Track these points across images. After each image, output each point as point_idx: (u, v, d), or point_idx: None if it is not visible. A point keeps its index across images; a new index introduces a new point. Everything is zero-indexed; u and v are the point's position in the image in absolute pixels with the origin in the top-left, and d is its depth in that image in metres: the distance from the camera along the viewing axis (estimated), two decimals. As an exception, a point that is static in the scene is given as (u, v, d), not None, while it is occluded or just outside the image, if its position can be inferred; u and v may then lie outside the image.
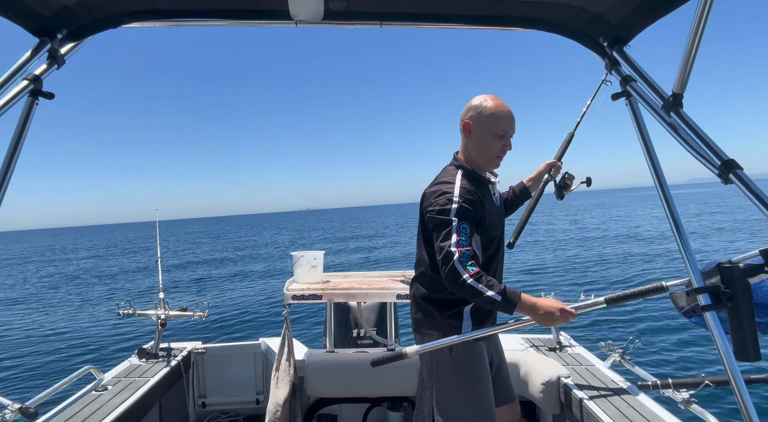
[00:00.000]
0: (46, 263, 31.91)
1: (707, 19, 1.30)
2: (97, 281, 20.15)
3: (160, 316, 3.36)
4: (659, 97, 1.51)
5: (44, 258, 35.27)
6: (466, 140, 2.05)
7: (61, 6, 1.53)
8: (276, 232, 62.45)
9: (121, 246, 47.48)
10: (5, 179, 1.39)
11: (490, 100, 1.99)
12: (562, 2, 1.64)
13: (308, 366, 3.20)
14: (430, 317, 2.04)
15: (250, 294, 14.27)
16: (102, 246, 50.04)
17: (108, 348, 9.48)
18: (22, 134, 1.46)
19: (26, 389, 7.34)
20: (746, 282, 1.27)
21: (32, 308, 14.58)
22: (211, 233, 73.91)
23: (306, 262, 3.23)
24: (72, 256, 37.47)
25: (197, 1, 1.61)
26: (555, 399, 2.90)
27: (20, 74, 1.45)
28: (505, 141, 2.01)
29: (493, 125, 1.98)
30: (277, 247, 32.34)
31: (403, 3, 1.64)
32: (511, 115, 2.00)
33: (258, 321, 11.08)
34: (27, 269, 29.72)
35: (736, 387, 1.22)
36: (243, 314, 11.65)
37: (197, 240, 49.56)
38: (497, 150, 2.01)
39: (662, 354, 7.32)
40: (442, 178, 2.00)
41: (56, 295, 16.81)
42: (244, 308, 12.33)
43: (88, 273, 24.41)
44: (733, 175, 1.28)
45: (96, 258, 34.44)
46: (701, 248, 18.09)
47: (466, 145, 2.06)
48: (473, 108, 2.01)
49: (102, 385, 2.91)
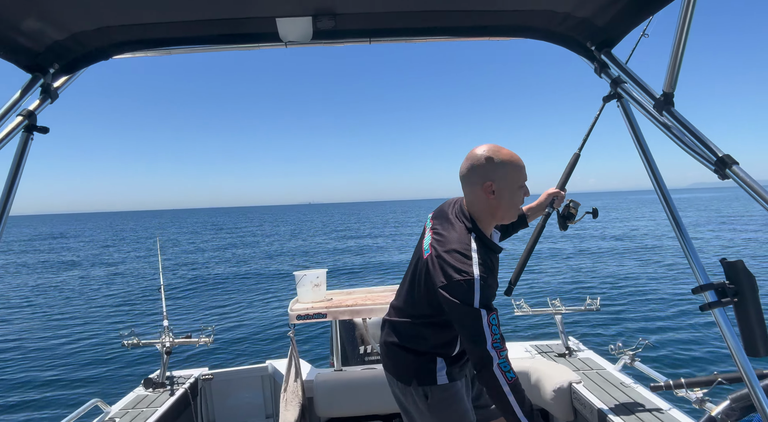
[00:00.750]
0: (45, 263, 31.47)
1: (692, 17, 1.31)
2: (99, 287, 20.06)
3: (165, 344, 3.34)
4: (650, 97, 1.52)
5: (45, 258, 34.89)
6: (487, 200, 1.85)
7: (52, 41, 1.55)
8: (276, 226, 61.83)
9: (118, 242, 46.60)
10: (3, 214, 1.39)
11: (502, 152, 1.84)
12: (548, 9, 1.66)
13: (317, 386, 3.17)
14: (406, 364, 1.98)
15: (254, 316, 14.19)
16: (101, 243, 49.45)
17: (113, 375, 9.39)
18: (18, 169, 1.46)
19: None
20: (751, 276, 1.26)
21: (30, 327, 14.47)
22: (213, 226, 73.31)
23: (309, 281, 3.21)
24: (72, 256, 37.11)
25: (186, 30, 1.63)
26: (567, 406, 2.87)
27: (14, 110, 1.46)
28: (526, 189, 1.90)
29: (518, 179, 1.85)
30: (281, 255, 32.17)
31: (390, 19, 1.66)
32: (522, 161, 1.90)
33: (264, 342, 11.00)
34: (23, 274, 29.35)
35: (750, 383, 1.20)
36: (248, 337, 11.57)
37: (197, 239, 49.09)
38: (521, 201, 1.91)
39: (673, 354, 7.26)
40: (453, 243, 1.80)
41: (53, 315, 16.69)
42: (249, 330, 12.25)
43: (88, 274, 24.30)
44: (729, 170, 1.28)
45: (96, 256, 34.03)
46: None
47: (487, 204, 1.86)
48: (491, 166, 1.82)
49: (109, 418, 2.88)
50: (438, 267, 1.77)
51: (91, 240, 50.93)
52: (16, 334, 14.89)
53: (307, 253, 31.62)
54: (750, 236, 20.60)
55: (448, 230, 1.87)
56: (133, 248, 38.74)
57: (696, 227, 30.96)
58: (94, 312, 17.97)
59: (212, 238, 41.91)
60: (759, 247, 17.77)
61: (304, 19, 1.57)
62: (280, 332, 11.73)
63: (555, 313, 3.45)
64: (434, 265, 1.80)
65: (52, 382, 9.54)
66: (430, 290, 1.83)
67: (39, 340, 13.93)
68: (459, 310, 1.71)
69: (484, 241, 1.84)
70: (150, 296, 19.75)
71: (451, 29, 1.72)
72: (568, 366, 3.16)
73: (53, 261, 30.71)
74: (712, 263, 9.59)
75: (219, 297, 18.68)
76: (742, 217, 28.53)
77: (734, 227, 24.58)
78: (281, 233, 48.01)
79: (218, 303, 17.39)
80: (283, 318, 12.82)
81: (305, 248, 35.74)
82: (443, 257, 1.77)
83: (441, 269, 1.76)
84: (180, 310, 16.51)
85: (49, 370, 10.45)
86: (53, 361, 11.18)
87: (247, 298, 17.74)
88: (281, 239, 43.08)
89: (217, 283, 22.76)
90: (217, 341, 9.42)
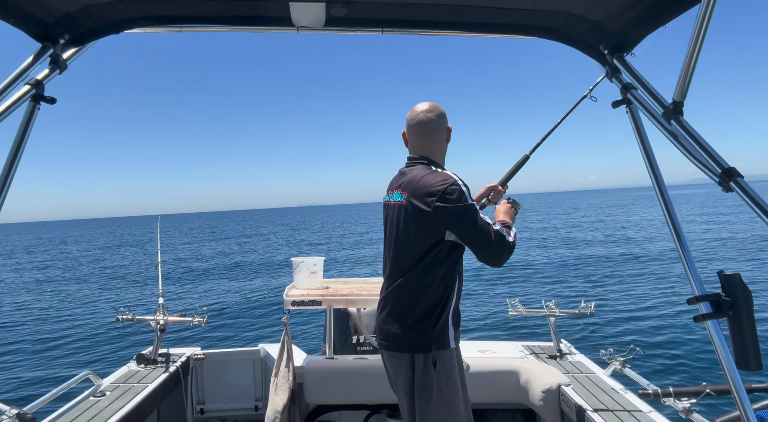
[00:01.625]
0: (44, 261, 31.80)
1: (707, 28, 1.31)
2: (94, 279, 20.14)
3: (159, 322, 3.35)
4: (660, 105, 1.52)
5: (44, 258, 35.20)
6: (445, 143, 2.22)
7: (64, 13, 1.54)
8: (275, 228, 62.33)
9: (118, 242, 47.31)
10: (6, 183, 1.39)
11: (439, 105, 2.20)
12: (563, 10, 1.65)
13: (307, 373, 3.19)
14: (422, 332, 2.01)
15: (249, 299, 14.25)
16: (100, 243, 49.89)
17: (107, 351, 9.45)
18: (23, 138, 1.46)
19: (24, 394, 7.31)
20: (747, 290, 1.26)
21: (28, 309, 14.55)
22: (211, 229, 73.76)
23: (306, 268, 3.22)
24: (70, 254, 37.38)
25: (199, 8, 1.62)
26: (555, 407, 2.89)
27: (22, 79, 1.45)
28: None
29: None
30: (277, 248, 32.29)
31: (404, 10, 1.65)
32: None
33: (257, 326, 11.05)
34: (23, 264, 29.51)
35: (738, 396, 1.21)
36: (242, 320, 11.62)
37: (197, 239, 49.45)
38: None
39: (663, 363, 7.29)
40: (421, 172, 2.06)
41: (53, 295, 16.78)
42: (244, 314, 12.30)
43: (86, 269, 24.37)
44: (733, 183, 1.28)
45: (95, 255, 34.34)
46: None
47: (444, 147, 2.22)
48: (443, 114, 2.19)
49: (100, 391, 2.90)
50: (423, 191, 1.99)
51: (91, 241, 51.02)
52: (14, 307, 14.96)
53: (305, 243, 31.71)
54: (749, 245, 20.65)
55: (408, 175, 2.11)
56: (132, 249, 39.02)
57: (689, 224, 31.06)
58: (91, 289, 18.03)
59: (212, 239, 42.11)
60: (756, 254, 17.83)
61: (318, 4, 1.56)
62: (274, 317, 11.78)
63: (549, 315, 3.46)
64: (418, 195, 2.00)
65: (46, 355, 9.61)
66: (420, 222, 2.00)
67: (35, 313, 14.01)
68: (458, 211, 1.93)
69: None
70: (148, 274, 19.80)
71: (465, 24, 1.71)
72: (558, 368, 3.18)
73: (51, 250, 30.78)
74: (709, 271, 9.52)
75: (215, 280, 18.76)
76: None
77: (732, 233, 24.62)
78: (280, 232, 48.20)
79: (213, 286, 17.45)
80: (278, 303, 12.88)
81: (303, 241, 35.91)
82: (422, 183, 2.01)
83: (426, 189, 1.98)
84: (176, 290, 16.57)
85: (44, 343, 10.52)
86: (49, 335, 11.25)
87: (242, 283, 17.81)
88: (279, 236, 43.29)
89: (213, 267, 22.82)
90: (211, 322, 9.47)
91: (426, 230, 2.00)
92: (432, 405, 1.98)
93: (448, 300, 2.04)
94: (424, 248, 2.01)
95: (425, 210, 1.97)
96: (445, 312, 2.02)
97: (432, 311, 2.01)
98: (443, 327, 2.01)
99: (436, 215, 1.95)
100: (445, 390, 1.99)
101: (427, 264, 2.01)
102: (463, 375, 2.13)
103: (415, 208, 2.00)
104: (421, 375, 2.00)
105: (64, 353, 9.64)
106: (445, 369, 2.00)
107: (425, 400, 1.99)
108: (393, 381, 2.18)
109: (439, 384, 1.98)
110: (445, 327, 2.02)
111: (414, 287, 2.03)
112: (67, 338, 10.75)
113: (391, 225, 2.15)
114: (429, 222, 1.98)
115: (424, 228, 2.00)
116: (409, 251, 2.05)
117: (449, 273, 2.03)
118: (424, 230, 2.01)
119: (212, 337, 10.00)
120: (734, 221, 31.63)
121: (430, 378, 1.98)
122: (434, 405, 1.98)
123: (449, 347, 2.02)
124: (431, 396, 1.98)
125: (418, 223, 2.01)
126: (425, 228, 2.00)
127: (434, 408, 1.98)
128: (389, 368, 2.17)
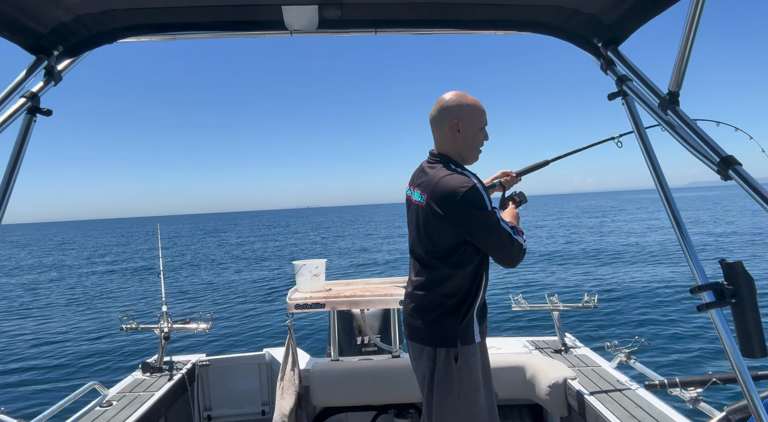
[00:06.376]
0: (46, 264, 31.69)
1: (701, 17, 1.31)
2: (98, 286, 20.14)
3: (163, 330, 3.36)
4: (655, 95, 1.52)
5: (43, 258, 35.08)
6: (454, 138, 2.07)
7: (57, 23, 1.54)
8: (274, 228, 62.17)
9: (116, 247, 47.20)
10: (5, 196, 1.39)
11: (467, 97, 2.07)
12: (556, 4, 1.65)
13: (313, 376, 3.19)
14: (447, 327, 2.02)
15: (252, 303, 14.24)
16: (100, 244, 49.69)
17: (111, 360, 9.44)
18: (20, 151, 1.46)
19: (30, 406, 7.30)
20: (749, 278, 1.26)
21: (32, 317, 14.54)
22: (211, 230, 73.64)
23: (308, 270, 3.22)
24: (70, 254, 37.23)
25: (192, 15, 1.62)
26: (562, 402, 2.89)
27: (17, 92, 1.45)
28: (485, 133, 2.13)
29: (480, 121, 2.08)
30: (279, 250, 32.27)
31: (397, 10, 1.65)
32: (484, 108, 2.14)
33: (261, 330, 11.04)
34: (23, 270, 29.37)
35: (744, 384, 1.21)
36: (246, 325, 11.62)
37: (197, 240, 49.34)
38: (482, 143, 2.13)
39: (668, 354, 7.29)
40: (441, 173, 2.00)
41: (57, 303, 16.76)
42: (247, 318, 12.29)
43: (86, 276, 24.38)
44: (732, 171, 1.28)
45: (96, 258, 34.23)
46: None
47: (453, 143, 2.08)
48: (456, 107, 2.05)
49: (107, 401, 2.90)
50: (441, 195, 1.95)
51: (91, 241, 51.09)
52: (17, 317, 14.95)
53: (306, 245, 31.67)
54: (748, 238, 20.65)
55: (429, 174, 2.06)
56: (132, 252, 38.96)
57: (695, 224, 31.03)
58: (94, 299, 18.02)
59: (211, 241, 42.10)
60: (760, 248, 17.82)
61: (311, 7, 1.56)
62: (277, 321, 11.77)
63: (552, 309, 3.47)
64: (436, 198, 1.97)
65: (51, 366, 9.60)
66: (440, 225, 1.98)
67: (39, 324, 14.00)
68: (476, 216, 1.91)
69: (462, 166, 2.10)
70: (149, 281, 19.76)
71: (458, 22, 1.71)
72: (564, 363, 3.18)
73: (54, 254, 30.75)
74: (710, 261, 9.52)
75: (217, 285, 18.75)
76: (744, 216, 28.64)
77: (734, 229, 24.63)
78: (280, 233, 48.23)
79: (216, 291, 17.44)
80: (281, 307, 12.87)
81: (304, 243, 35.87)
82: (440, 186, 1.96)
83: (444, 194, 1.94)
84: (179, 296, 16.56)
85: (48, 354, 10.51)
86: (53, 345, 11.24)
87: (245, 287, 17.79)
88: (280, 237, 43.25)
89: (216, 272, 22.81)
90: (215, 328, 9.47)
91: (447, 232, 1.99)
92: (451, 398, 1.98)
93: (475, 296, 2.03)
94: (448, 249, 2.00)
95: (444, 215, 1.96)
96: (471, 308, 2.02)
97: (458, 308, 2.01)
98: (468, 323, 2.01)
99: (454, 221, 1.94)
100: (467, 384, 1.99)
101: (452, 263, 2.00)
102: (488, 369, 2.11)
103: (434, 211, 1.98)
104: (442, 368, 2.00)
105: (69, 362, 9.63)
106: (467, 364, 1.99)
107: (444, 394, 1.99)
108: (415, 371, 2.20)
109: (460, 379, 1.98)
110: (470, 323, 2.01)
111: (439, 285, 2.03)
112: (71, 348, 10.74)
113: (416, 224, 2.13)
114: (449, 226, 1.97)
115: (445, 230, 1.99)
116: (434, 250, 2.05)
117: (474, 270, 2.03)
118: (445, 232, 1.99)
119: (217, 343, 9.99)
120: (734, 221, 31.60)
121: (451, 372, 1.98)
122: (453, 398, 1.98)
123: (473, 342, 2.01)
124: (451, 390, 1.98)
125: (438, 226, 2.00)
126: (446, 230, 1.99)
127: (453, 402, 1.98)
128: (412, 359, 2.19)
